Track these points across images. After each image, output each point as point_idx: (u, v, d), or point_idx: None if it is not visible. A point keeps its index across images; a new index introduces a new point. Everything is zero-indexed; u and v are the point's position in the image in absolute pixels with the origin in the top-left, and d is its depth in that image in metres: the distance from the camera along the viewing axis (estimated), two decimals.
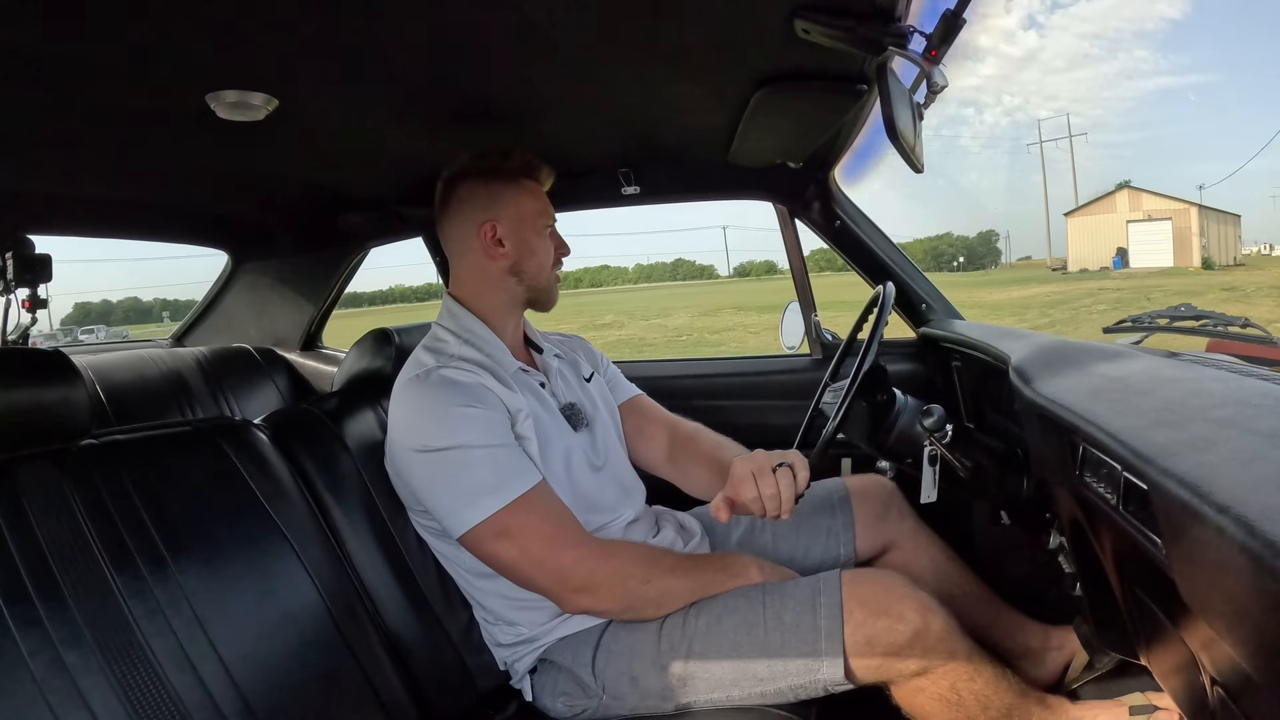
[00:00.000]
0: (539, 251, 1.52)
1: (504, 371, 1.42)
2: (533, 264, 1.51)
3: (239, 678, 1.05)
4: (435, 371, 1.35)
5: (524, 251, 1.50)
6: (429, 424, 1.31)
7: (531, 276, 1.52)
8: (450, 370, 1.36)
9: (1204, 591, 0.65)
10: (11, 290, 2.33)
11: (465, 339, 1.46)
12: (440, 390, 1.33)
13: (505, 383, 1.39)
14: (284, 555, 1.19)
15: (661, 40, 1.26)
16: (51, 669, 0.91)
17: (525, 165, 1.54)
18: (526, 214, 1.51)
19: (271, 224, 2.70)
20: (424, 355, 1.44)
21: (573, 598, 1.31)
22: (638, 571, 1.33)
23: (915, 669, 1.21)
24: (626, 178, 2.16)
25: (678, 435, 1.74)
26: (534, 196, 1.53)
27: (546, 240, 1.53)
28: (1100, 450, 0.84)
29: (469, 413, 1.31)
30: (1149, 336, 1.38)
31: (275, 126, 1.52)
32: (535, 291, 1.54)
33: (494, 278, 1.51)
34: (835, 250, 2.26)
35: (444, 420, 1.30)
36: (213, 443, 1.24)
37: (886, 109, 1.15)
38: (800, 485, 1.30)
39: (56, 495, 1.02)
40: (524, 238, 1.50)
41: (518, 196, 1.51)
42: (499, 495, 1.27)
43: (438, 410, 1.31)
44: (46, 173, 1.89)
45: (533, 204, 1.52)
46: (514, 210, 1.50)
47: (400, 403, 1.37)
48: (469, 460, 1.28)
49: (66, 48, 1.18)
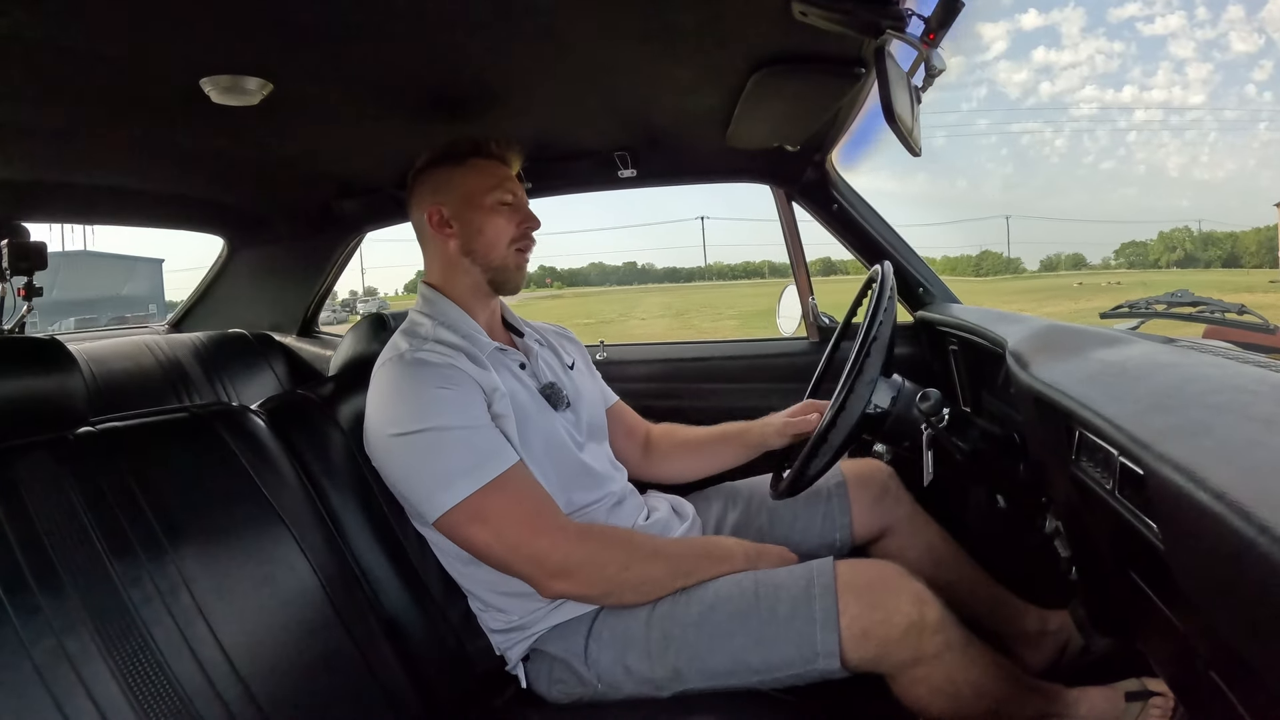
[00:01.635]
0: (487, 229, 1.47)
1: (479, 352, 1.40)
2: (481, 242, 1.47)
3: (238, 662, 1.05)
4: (408, 354, 1.34)
5: (470, 231, 1.47)
6: (401, 407, 1.30)
7: (483, 256, 1.48)
8: (423, 353, 1.34)
9: (1199, 576, 0.65)
10: (7, 279, 2.33)
11: (440, 321, 1.45)
12: (412, 372, 1.31)
13: (480, 363, 1.38)
14: (282, 540, 1.19)
15: (657, 22, 1.26)
16: (52, 657, 0.91)
17: (473, 145, 1.51)
18: (472, 191, 1.47)
19: (267, 209, 2.69)
20: (399, 339, 1.42)
21: (550, 582, 1.28)
22: (616, 557, 1.31)
23: (911, 659, 1.21)
24: (623, 161, 2.15)
25: (655, 432, 1.82)
26: (481, 174, 1.49)
27: (498, 218, 1.48)
28: (1096, 435, 0.84)
29: (441, 394, 1.29)
30: (1146, 322, 1.39)
31: (270, 111, 1.51)
32: (491, 271, 1.49)
33: (453, 260, 1.49)
34: (832, 233, 2.26)
35: (416, 403, 1.29)
36: (210, 429, 1.23)
37: (884, 93, 1.14)
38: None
39: (54, 483, 1.02)
40: (469, 217, 1.47)
41: (464, 176, 1.48)
42: (473, 478, 1.25)
43: (410, 393, 1.30)
44: (41, 160, 1.88)
45: (479, 181, 1.48)
46: (459, 190, 1.48)
47: (374, 387, 1.36)
48: (442, 443, 1.26)
49: (60, 34, 1.18)
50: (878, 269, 1.49)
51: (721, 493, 1.75)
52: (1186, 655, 0.82)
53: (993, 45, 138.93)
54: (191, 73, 1.36)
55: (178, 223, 2.82)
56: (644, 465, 1.77)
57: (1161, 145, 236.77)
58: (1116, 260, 71.86)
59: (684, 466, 1.79)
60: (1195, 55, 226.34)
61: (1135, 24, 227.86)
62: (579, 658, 1.33)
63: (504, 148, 1.52)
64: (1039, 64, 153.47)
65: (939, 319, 1.96)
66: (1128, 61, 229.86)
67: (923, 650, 1.21)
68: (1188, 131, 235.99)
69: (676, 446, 1.80)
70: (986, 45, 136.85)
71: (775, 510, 1.66)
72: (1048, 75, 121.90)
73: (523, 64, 1.43)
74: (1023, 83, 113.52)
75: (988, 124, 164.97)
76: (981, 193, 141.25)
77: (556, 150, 2.09)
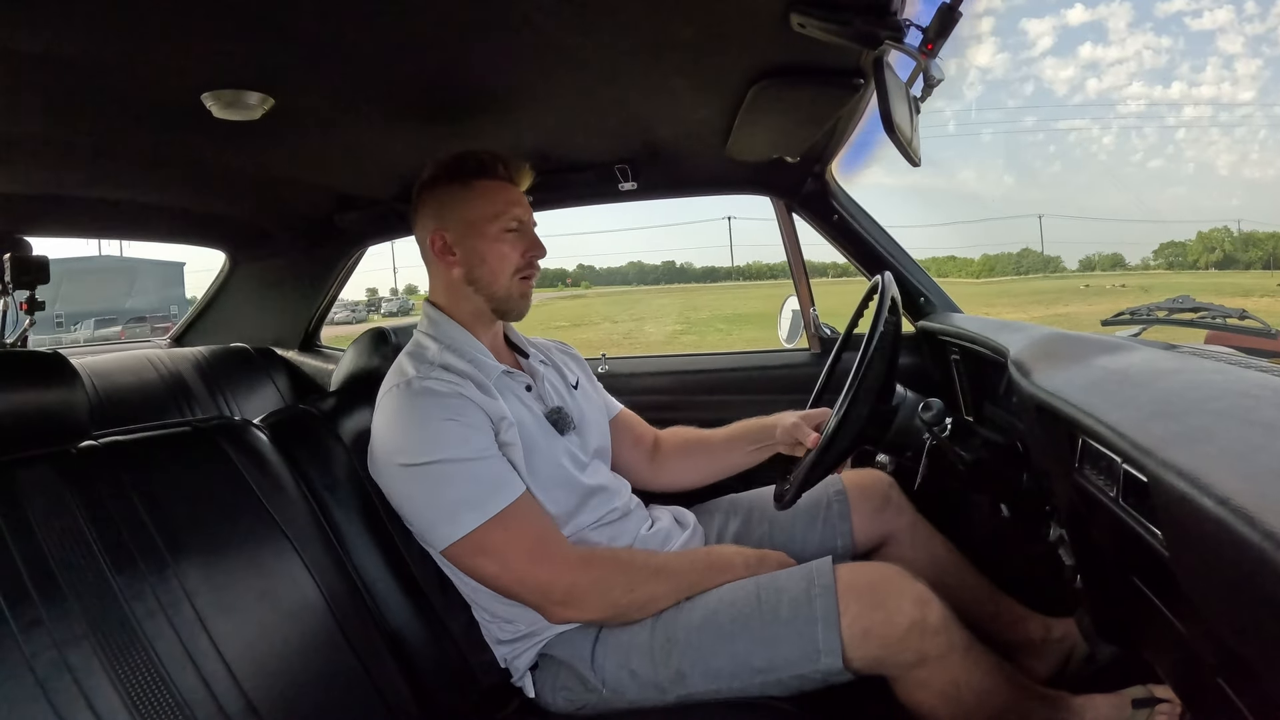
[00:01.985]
0: (490, 258, 1.43)
1: (486, 378, 1.39)
2: (484, 272, 1.43)
3: (241, 676, 1.05)
4: (416, 381, 1.33)
5: (474, 259, 1.43)
6: (408, 438, 1.29)
7: (485, 285, 1.44)
8: (431, 381, 1.32)
9: (1204, 583, 0.65)
10: (9, 293, 2.34)
11: (446, 344, 1.43)
12: (420, 402, 1.30)
13: (487, 390, 1.37)
14: (284, 554, 1.19)
15: (656, 35, 1.26)
16: (54, 670, 0.91)
17: (479, 165, 1.45)
18: (477, 218, 1.43)
19: (269, 223, 2.70)
20: (406, 363, 1.40)
21: (556, 610, 1.30)
22: (620, 580, 1.32)
23: (914, 660, 1.21)
24: (624, 173, 2.15)
25: (663, 437, 1.80)
26: (486, 198, 1.43)
27: (502, 245, 1.43)
28: (1099, 443, 0.84)
29: (448, 426, 1.28)
30: (1147, 329, 1.39)
31: (271, 125, 1.52)
32: (494, 301, 1.45)
33: (456, 286, 1.46)
34: (833, 244, 2.26)
35: (423, 434, 1.28)
36: (212, 443, 1.23)
37: (883, 104, 1.15)
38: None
39: (56, 497, 1.02)
40: (472, 245, 1.43)
41: (467, 200, 1.43)
42: (479, 511, 1.25)
43: (416, 423, 1.29)
44: (43, 174, 1.89)
45: (484, 207, 1.43)
46: (461, 215, 1.43)
47: (381, 413, 1.35)
48: (448, 475, 1.26)
49: (62, 49, 1.18)
50: (879, 279, 1.49)
51: (722, 505, 1.75)
52: (1193, 661, 0.82)
53: (1038, 41, 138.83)
54: (193, 88, 1.37)
55: (179, 237, 2.83)
56: (652, 472, 1.75)
57: (1211, 143, 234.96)
58: (1155, 261, 70.55)
59: (694, 469, 1.76)
60: (1244, 51, 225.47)
61: (1183, 19, 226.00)
62: (585, 662, 1.33)
63: (512, 169, 1.48)
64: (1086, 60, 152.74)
65: (940, 328, 1.96)
66: (1175, 57, 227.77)
67: (925, 651, 1.20)
68: (1238, 129, 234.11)
69: (687, 447, 1.77)
70: (1032, 41, 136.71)
71: (776, 520, 1.65)
72: (1094, 72, 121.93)
73: (523, 76, 1.44)
74: (1069, 79, 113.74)
75: (1034, 121, 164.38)
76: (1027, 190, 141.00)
77: (558, 163, 2.09)
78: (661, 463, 1.76)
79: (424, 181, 1.48)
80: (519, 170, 1.49)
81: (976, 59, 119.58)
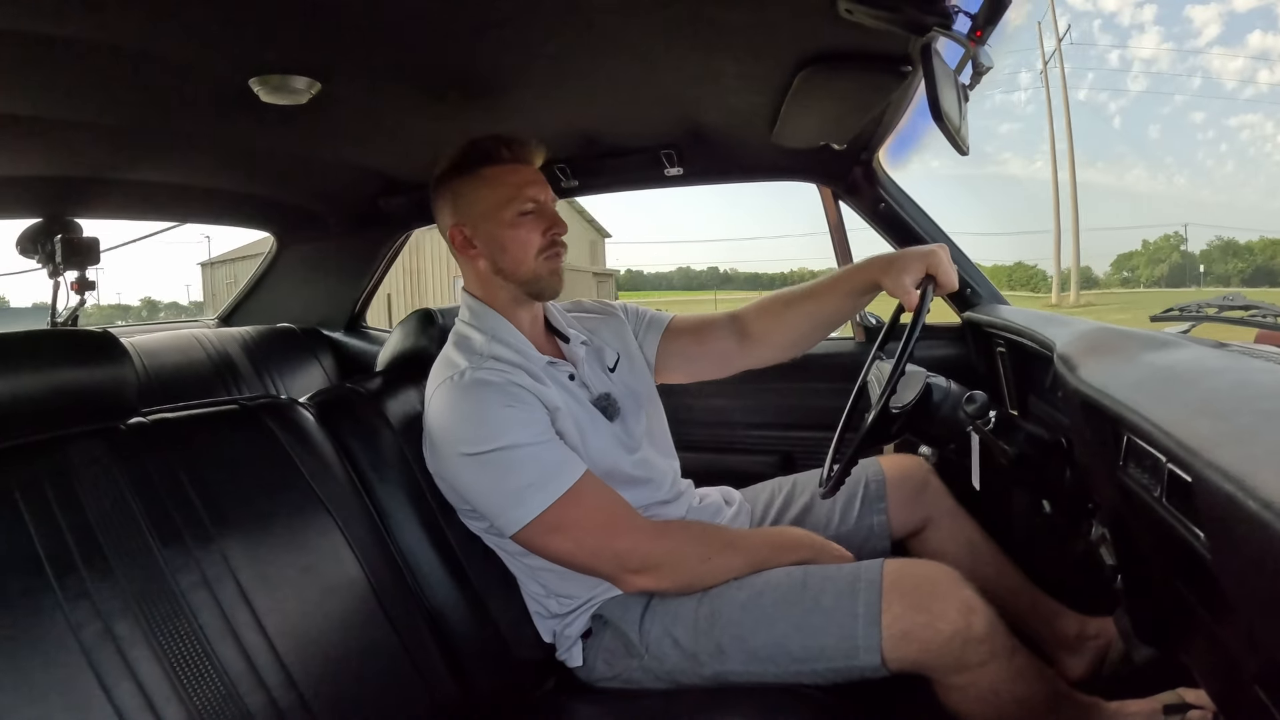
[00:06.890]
0: (511, 246, 1.41)
1: (534, 366, 1.40)
2: (508, 260, 1.42)
3: (282, 649, 1.08)
4: (469, 372, 1.33)
5: (495, 248, 1.42)
6: (469, 428, 1.30)
7: (512, 273, 1.43)
8: (483, 372, 1.33)
9: (1247, 588, 0.63)
10: (60, 273, 2.40)
11: (491, 335, 1.42)
12: (476, 393, 1.31)
13: (539, 378, 1.37)
14: (328, 530, 1.21)
15: (703, 19, 1.26)
16: (99, 640, 0.94)
17: (484, 152, 1.43)
18: (488, 207, 1.41)
19: (315, 206, 2.73)
20: (455, 355, 1.40)
21: (632, 579, 1.32)
22: (696, 550, 1.35)
23: (953, 666, 1.20)
24: (669, 159, 2.14)
25: (745, 312, 1.67)
26: (496, 185, 1.42)
27: (519, 230, 1.41)
28: (1144, 440, 0.82)
29: (507, 413, 1.29)
30: (1197, 326, 1.35)
31: (318, 110, 1.53)
32: (524, 285, 1.44)
33: (486, 277, 1.45)
34: (879, 232, 2.24)
35: (484, 423, 1.29)
36: (258, 421, 1.26)
37: (931, 91, 1.13)
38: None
39: (104, 471, 1.05)
40: (490, 234, 1.42)
41: (478, 190, 1.42)
42: (546, 491, 1.27)
43: (476, 414, 1.30)
44: (93, 157, 1.93)
45: (495, 194, 1.41)
46: (476, 207, 1.43)
47: (437, 408, 1.35)
48: (513, 460, 1.28)
49: (113, 35, 1.21)
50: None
51: (767, 487, 1.76)
52: (1231, 668, 0.81)
53: (1204, 30, 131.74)
54: (241, 73, 1.39)
55: (227, 219, 2.88)
56: (744, 350, 1.65)
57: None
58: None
59: (793, 326, 1.62)
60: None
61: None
62: (634, 625, 1.36)
63: (518, 150, 1.45)
64: (1255, 49, 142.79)
65: (986, 320, 1.93)
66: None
67: (966, 659, 1.20)
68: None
69: (777, 307, 1.63)
70: (1198, 30, 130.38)
71: (815, 499, 1.66)
72: (1266, 62, 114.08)
73: (567, 58, 1.43)
74: (1239, 71, 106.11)
75: (1203, 117, 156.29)
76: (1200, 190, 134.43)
77: (602, 147, 2.09)
78: (754, 336, 1.64)
79: (436, 177, 1.48)
80: (527, 149, 1.46)
81: (1139, 51, 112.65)
